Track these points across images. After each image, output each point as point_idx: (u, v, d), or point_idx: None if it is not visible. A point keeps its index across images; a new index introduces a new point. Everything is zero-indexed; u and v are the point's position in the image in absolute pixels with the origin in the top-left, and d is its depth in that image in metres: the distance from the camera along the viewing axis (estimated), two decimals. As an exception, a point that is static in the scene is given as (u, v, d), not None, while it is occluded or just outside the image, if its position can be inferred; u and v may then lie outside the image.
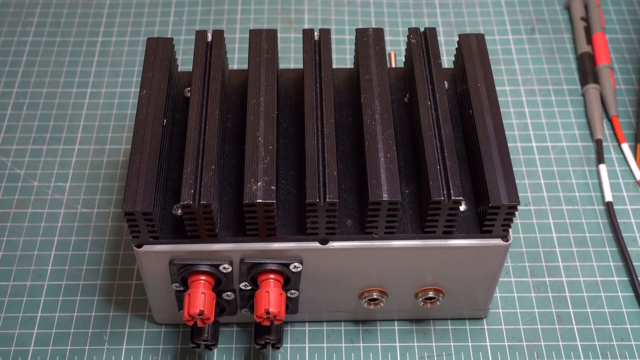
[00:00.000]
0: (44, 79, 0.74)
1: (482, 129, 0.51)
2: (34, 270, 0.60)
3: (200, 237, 0.49)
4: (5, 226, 0.63)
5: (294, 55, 0.76)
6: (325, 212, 0.47)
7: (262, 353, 0.56)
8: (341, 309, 0.56)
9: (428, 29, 0.56)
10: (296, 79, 0.58)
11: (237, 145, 0.53)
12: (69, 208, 0.64)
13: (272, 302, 0.49)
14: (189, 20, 0.79)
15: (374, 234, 0.49)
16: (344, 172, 0.52)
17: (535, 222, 0.64)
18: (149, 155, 0.48)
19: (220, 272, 0.50)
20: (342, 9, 0.80)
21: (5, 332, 0.57)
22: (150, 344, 0.57)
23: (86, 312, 0.58)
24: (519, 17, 0.80)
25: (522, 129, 0.70)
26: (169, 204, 0.50)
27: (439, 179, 0.48)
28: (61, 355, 0.56)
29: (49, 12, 0.80)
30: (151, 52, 0.54)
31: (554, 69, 0.75)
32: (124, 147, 0.68)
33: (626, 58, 0.76)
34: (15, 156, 0.68)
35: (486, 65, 0.54)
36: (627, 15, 0.80)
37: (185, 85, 0.57)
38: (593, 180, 0.67)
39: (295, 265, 0.50)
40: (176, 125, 0.54)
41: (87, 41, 0.77)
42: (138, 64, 0.75)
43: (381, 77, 0.53)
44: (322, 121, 0.50)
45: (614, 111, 0.70)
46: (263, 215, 0.47)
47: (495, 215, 0.48)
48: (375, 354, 0.56)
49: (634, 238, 0.63)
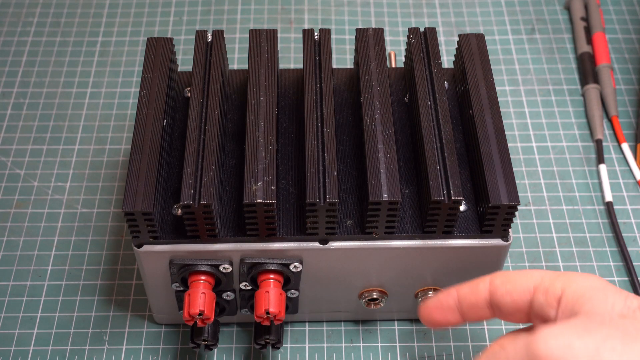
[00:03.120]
0: (44, 79, 0.74)
1: (482, 129, 0.51)
2: (34, 270, 0.60)
3: (200, 237, 0.49)
4: (5, 226, 0.63)
5: (294, 55, 0.76)
6: (325, 212, 0.47)
7: (262, 353, 0.56)
8: (341, 309, 0.56)
9: (428, 29, 0.56)
10: (296, 79, 0.58)
11: (237, 145, 0.53)
12: (69, 208, 0.64)
13: (272, 302, 0.49)
14: (189, 20, 0.79)
15: (374, 234, 0.49)
16: (344, 172, 0.52)
17: (535, 222, 0.64)
18: (149, 155, 0.48)
19: (220, 272, 0.50)
20: (342, 9, 0.80)
21: (5, 332, 0.57)
22: (150, 344, 0.57)
23: (86, 312, 0.58)
24: (519, 17, 0.80)
25: (522, 129, 0.70)
26: (169, 204, 0.50)
27: (439, 179, 0.48)
28: (61, 355, 0.56)
29: (49, 12, 0.80)
30: (151, 52, 0.54)
31: (554, 69, 0.75)
32: (124, 147, 0.68)
33: (626, 58, 0.76)
34: (15, 156, 0.68)
35: (486, 65, 0.54)
36: (627, 15, 0.80)
37: (185, 85, 0.57)
38: (593, 180, 0.67)
39: (295, 265, 0.50)
40: (176, 125, 0.54)
41: (87, 41, 0.77)
42: (138, 64, 0.75)
43: (381, 77, 0.53)
44: (322, 121, 0.50)
45: (614, 111, 0.70)
46: (263, 215, 0.47)
47: (495, 215, 0.48)
48: (375, 354, 0.56)
49: (634, 238, 0.63)
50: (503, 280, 0.43)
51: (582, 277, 0.40)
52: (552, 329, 0.37)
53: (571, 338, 0.36)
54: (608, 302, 0.38)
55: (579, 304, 0.39)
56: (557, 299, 0.40)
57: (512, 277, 0.43)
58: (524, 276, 0.42)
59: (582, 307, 0.38)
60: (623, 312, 0.38)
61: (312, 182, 0.47)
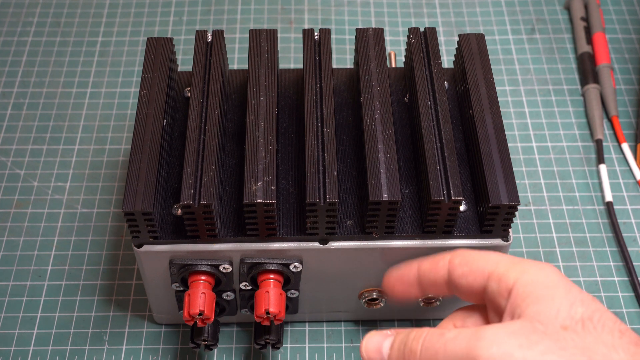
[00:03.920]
0: (44, 79, 0.74)
1: (482, 129, 0.51)
2: (34, 270, 0.60)
3: (200, 237, 0.49)
4: (5, 226, 0.63)
5: (294, 55, 0.76)
6: (325, 212, 0.47)
7: (262, 353, 0.56)
8: (341, 309, 0.56)
9: (428, 29, 0.56)
10: (296, 79, 0.58)
11: (237, 145, 0.53)
12: (69, 208, 0.64)
13: (272, 302, 0.49)
14: (189, 20, 0.79)
15: (373, 234, 0.49)
16: (344, 172, 0.52)
17: (535, 222, 0.64)
18: (149, 155, 0.48)
19: (220, 272, 0.50)
20: (342, 9, 0.80)
21: (5, 332, 0.57)
22: (150, 344, 0.57)
23: (86, 312, 0.58)
24: (519, 17, 0.80)
25: (522, 129, 0.70)
26: (169, 204, 0.50)
27: (439, 179, 0.48)
28: (61, 355, 0.56)
29: (49, 12, 0.80)
30: (151, 52, 0.54)
31: (554, 69, 0.75)
32: (124, 147, 0.68)
33: (626, 58, 0.76)
34: (15, 156, 0.68)
35: (486, 65, 0.54)
36: (627, 15, 0.80)
37: (185, 85, 0.57)
38: (593, 180, 0.67)
39: (295, 265, 0.50)
40: (176, 125, 0.54)
41: (87, 41, 0.77)
42: (138, 64, 0.75)
43: (381, 77, 0.53)
44: (322, 121, 0.50)
45: (614, 111, 0.70)
46: (263, 215, 0.47)
47: (495, 215, 0.48)
48: (375, 354, 0.56)
49: (634, 238, 0.63)
50: (461, 261, 0.43)
51: (536, 270, 0.40)
52: (496, 336, 0.37)
53: (512, 348, 0.37)
54: (554, 307, 0.38)
55: (525, 304, 0.39)
56: (508, 290, 0.40)
57: (470, 258, 0.43)
58: (481, 259, 0.42)
59: (528, 309, 0.39)
60: (565, 323, 0.38)
61: (312, 182, 0.47)
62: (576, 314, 0.38)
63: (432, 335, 0.40)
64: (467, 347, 0.38)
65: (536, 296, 0.39)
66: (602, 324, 0.38)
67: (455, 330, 0.39)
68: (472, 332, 0.39)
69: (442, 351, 0.39)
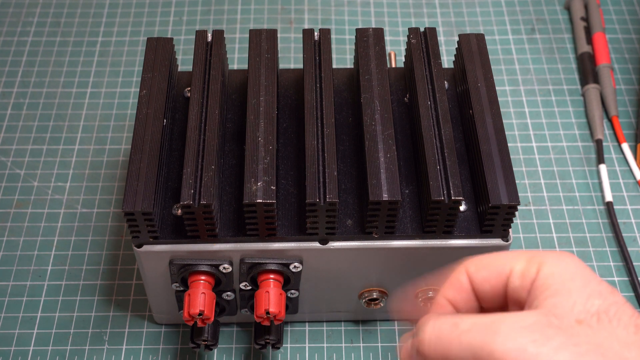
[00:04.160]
0: (44, 79, 0.74)
1: (482, 129, 0.51)
2: (34, 270, 0.60)
3: (200, 237, 0.49)
4: (5, 226, 0.63)
5: (294, 55, 0.76)
6: (325, 212, 0.47)
7: (262, 353, 0.56)
8: (341, 309, 0.56)
9: (428, 29, 0.56)
10: (296, 79, 0.58)
11: (237, 145, 0.53)
12: (69, 208, 0.64)
13: (272, 302, 0.49)
14: (189, 20, 0.79)
15: (374, 234, 0.49)
16: (344, 172, 0.52)
17: (535, 222, 0.64)
18: (149, 155, 0.48)
19: (220, 272, 0.50)
20: (342, 9, 0.80)
21: (5, 332, 0.57)
22: (150, 344, 0.57)
23: (86, 312, 0.58)
24: (519, 17, 0.80)
25: (522, 129, 0.70)
26: (169, 204, 0.50)
27: (439, 179, 0.48)
28: (61, 355, 0.56)
29: (49, 12, 0.80)
30: (151, 52, 0.54)
31: (554, 69, 0.75)
32: (124, 147, 0.68)
33: (626, 58, 0.76)
34: (15, 156, 0.68)
35: (486, 65, 0.54)
36: (627, 15, 0.80)
37: (185, 85, 0.57)
38: (593, 180, 0.67)
39: (295, 265, 0.50)
40: (176, 125, 0.54)
41: (87, 41, 0.77)
42: (138, 64, 0.75)
43: (381, 77, 0.53)
44: (322, 121, 0.50)
45: (614, 111, 0.70)
46: (263, 215, 0.47)
47: (495, 215, 0.48)
48: (375, 354, 0.56)
49: (634, 238, 0.63)
50: (477, 267, 0.42)
51: (554, 261, 0.40)
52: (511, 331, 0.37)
53: (527, 343, 0.36)
54: (570, 300, 0.38)
55: (543, 296, 0.39)
56: (530, 283, 0.40)
57: (485, 262, 0.42)
58: (497, 260, 0.42)
59: (545, 302, 0.38)
60: (580, 316, 0.38)
61: (312, 182, 0.47)
62: (592, 306, 0.38)
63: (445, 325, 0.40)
64: (483, 341, 0.38)
65: (555, 289, 0.39)
66: (618, 318, 0.37)
67: (469, 321, 0.39)
68: (487, 324, 0.38)
69: (457, 343, 0.39)
